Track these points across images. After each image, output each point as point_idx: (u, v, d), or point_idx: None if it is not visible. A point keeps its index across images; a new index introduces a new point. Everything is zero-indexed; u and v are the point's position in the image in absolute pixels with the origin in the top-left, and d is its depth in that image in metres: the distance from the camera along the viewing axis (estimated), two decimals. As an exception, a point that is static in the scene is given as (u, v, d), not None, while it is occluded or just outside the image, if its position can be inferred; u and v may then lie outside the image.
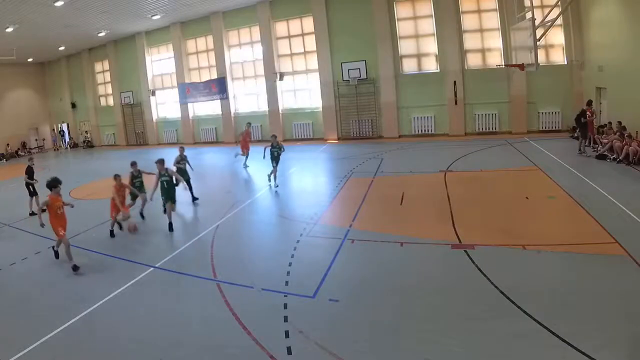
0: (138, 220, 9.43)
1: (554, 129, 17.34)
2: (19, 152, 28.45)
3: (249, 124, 16.82)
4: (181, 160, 11.28)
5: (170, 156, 12.01)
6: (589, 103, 13.91)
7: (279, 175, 14.15)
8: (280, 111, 21.97)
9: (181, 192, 10.18)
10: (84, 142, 29.92)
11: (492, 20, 17.82)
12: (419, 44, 19.11)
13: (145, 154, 23.22)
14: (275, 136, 12.75)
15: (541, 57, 15.76)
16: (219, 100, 23.26)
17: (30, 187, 11.33)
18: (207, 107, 24.45)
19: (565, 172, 11.00)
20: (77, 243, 8.66)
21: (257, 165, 17.26)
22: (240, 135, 15.94)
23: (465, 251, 6.62)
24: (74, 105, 30.16)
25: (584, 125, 13.31)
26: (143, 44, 25.40)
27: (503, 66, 15.93)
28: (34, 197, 11.29)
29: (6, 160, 26.72)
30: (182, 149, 11.66)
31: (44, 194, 8.58)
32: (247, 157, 15.61)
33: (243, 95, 23.41)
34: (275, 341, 4.65)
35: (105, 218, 10.31)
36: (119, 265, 7.34)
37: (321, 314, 5.21)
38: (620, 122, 12.33)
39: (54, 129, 31.57)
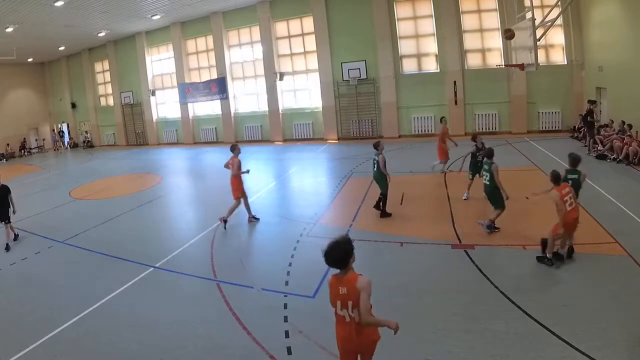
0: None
1: (554, 129, 17.34)
2: (23, 152, 28.52)
3: None
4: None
5: (170, 156, 11.99)
6: (591, 102, 13.94)
7: (278, 176, 14.17)
8: (280, 111, 21.96)
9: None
10: (84, 142, 29.91)
11: (492, 20, 17.82)
12: (419, 44, 19.11)
13: (145, 154, 23.27)
14: None
15: (541, 57, 15.75)
16: (219, 100, 23.25)
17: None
18: (207, 107, 24.44)
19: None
20: (77, 243, 8.68)
21: (256, 166, 17.28)
22: None
23: (465, 251, 6.62)
24: (74, 105, 30.15)
25: (590, 125, 13.32)
26: (143, 44, 25.39)
27: (503, 66, 15.91)
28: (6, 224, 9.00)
29: (6, 160, 26.72)
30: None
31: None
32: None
33: (243, 95, 23.40)
34: (275, 341, 4.65)
35: (105, 218, 10.33)
36: (119, 265, 7.34)
37: (321, 314, 5.19)
38: (623, 122, 12.31)
39: (54, 129, 31.57)
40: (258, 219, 9.21)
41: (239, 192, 8.98)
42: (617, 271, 5.58)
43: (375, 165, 8.67)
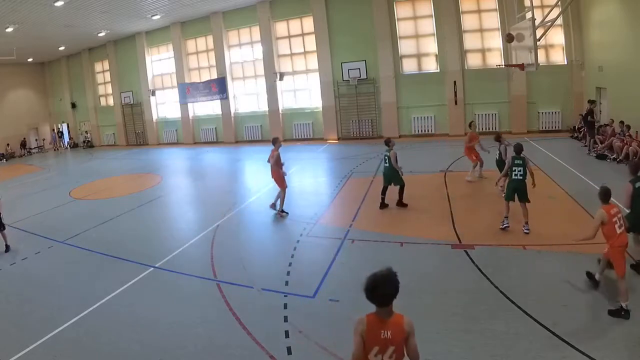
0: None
1: (554, 129, 17.34)
2: (24, 150, 28.53)
3: None
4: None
5: (170, 156, 11.99)
6: (591, 102, 13.94)
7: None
8: (280, 111, 21.96)
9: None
10: (84, 142, 29.91)
11: (492, 20, 17.82)
12: (419, 44, 19.11)
13: (145, 154, 23.27)
14: None
15: (541, 57, 15.75)
16: (219, 100, 23.25)
17: None
18: (207, 107, 24.44)
19: (566, 172, 11.00)
20: (77, 243, 8.68)
21: (256, 166, 17.28)
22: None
23: (465, 251, 6.62)
24: (74, 105, 30.15)
25: (591, 125, 13.33)
26: (143, 44, 25.39)
27: (503, 66, 15.92)
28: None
29: (6, 160, 26.72)
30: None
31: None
32: None
33: (243, 95, 23.40)
34: (275, 341, 4.65)
35: (105, 218, 10.34)
36: (119, 265, 7.34)
37: (321, 314, 5.21)
38: (622, 122, 12.31)
39: (54, 129, 31.58)
40: (287, 213, 9.35)
41: (281, 181, 9.33)
42: (617, 271, 5.56)
43: (387, 161, 8.96)
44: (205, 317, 5.33)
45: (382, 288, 2.64)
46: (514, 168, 7.39)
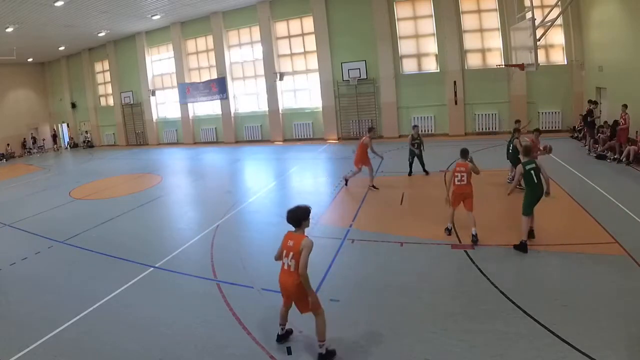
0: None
1: (554, 129, 17.34)
2: (25, 151, 28.54)
3: None
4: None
5: (170, 156, 11.97)
6: (592, 102, 13.93)
7: (278, 176, 14.17)
8: (280, 111, 21.96)
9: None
10: (84, 142, 29.92)
11: (492, 20, 17.82)
12: (419, 44, 19.10)
13: (145, 154, 23.28)
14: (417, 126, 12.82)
15: (541, 57, 15.77)
16: (219, 100, 23.25)
17: None
18: (207, 107, 24.44)
19: (565, 172, 11.00)
20: (77, 243, 8.69)
21: (257, 166, 17.29)
22: None
23: (465, 251, 6.63)
24: (74, 105, 30.16)
25: (591, 125, 13.33)
26: (143, 44, 25.39)
27: (503, 66, 15.92)
28: None
29: (6, 160, 26.73)
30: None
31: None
32: None
33: (243, 95, 23.41)
34: (275, 341, 4.65)
35: (105, 218, 10.34)
36: (119, 265, 7.34)
37: (321, 314, 5.20)
38: (625, 105, 12.20)
39: (54, 129, 31.58)
40: (377, 188, 10.53)
41: (361, 162, 10.66)
42: (617, 271, 5.58)
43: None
44: (205, 317, 5.33)
45: (288, 215, 4.31)
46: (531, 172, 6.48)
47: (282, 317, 4.58)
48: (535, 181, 6.38)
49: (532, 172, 6.41)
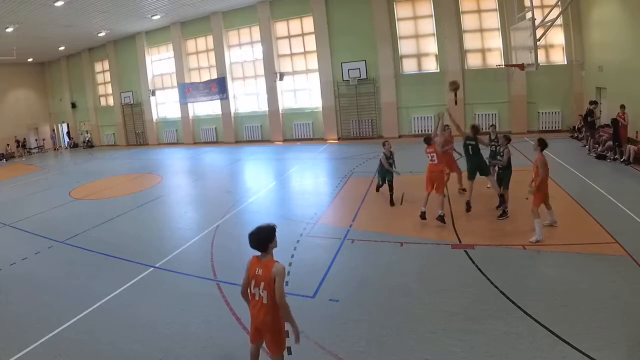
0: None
1: (554, 129, 17.35)
2: (25, 151, 28.49)
3: None
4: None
5: (170, 156, 11.98)
6: (593, 103, 13.91)
7: (278, 176, 14.17)
8: (280, 111, 21.97)
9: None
10: (84, 142, 29.91)
11: (492, 20, 17.82)
12: (419, 44, 19.11)
13: (145, 154, 23.28)
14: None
15: (541, 57, 15.76)
16: (219, 100, 23.26)
17: None
18: (207, 107, 24.45)
19: (565, 172, 11.00)
20: (77, 243, 8.68)
21: (257, 166, 17.29)
22: None
23: (465, 251, 6.62)
24: (74, 105, 30.16)
25: (591, 125, 13.33)
26: (143, 44, 25.40)
27: (503, 66, 15.92)
28: None
29: (6, 160, 26.72)
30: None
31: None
32: None
33: (243, 95, 23.41)
34: None
35: (105, 218, 10.34)
36: (119, 265, 7.34)
37: (321, 314, 5.20)
38: (623, 106, 12.21)
39: (54, 129, 31.58)
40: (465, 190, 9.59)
41: (449, 167, 9.73)
42: (617, 271, 5.58)
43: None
44: (205, 317, 5.33)
45: (251, 239, 3.60)
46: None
47: (253, 357, 3.93)
48: (471, 153, 8.34)
49: (470, 146, 8.37)
